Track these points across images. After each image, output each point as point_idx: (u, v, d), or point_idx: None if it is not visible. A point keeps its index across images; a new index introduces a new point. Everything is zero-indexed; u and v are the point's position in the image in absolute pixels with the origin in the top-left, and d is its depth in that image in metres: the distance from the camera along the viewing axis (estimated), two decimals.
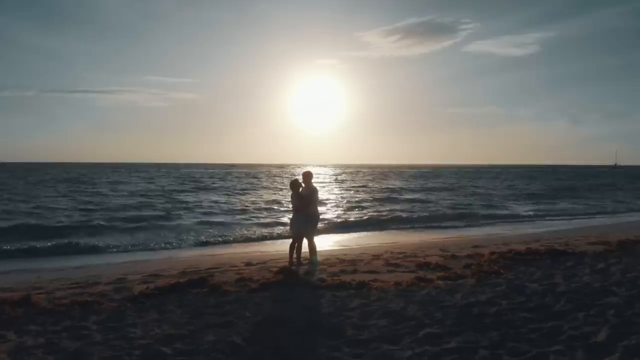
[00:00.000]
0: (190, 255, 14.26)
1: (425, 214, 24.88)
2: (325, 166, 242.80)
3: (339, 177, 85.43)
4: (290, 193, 9.77)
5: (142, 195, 37.86)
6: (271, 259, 11.72)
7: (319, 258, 11.05)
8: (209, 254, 14.71)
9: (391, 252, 12.25)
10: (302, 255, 9.80)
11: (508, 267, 8.50)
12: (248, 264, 10.68)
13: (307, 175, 9.77)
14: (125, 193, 40.30)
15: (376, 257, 11.02)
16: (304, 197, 9.43)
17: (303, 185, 9.72)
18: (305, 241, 9.63)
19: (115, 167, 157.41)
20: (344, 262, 9.88)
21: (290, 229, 9.59)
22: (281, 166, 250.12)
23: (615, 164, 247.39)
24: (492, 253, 9.83)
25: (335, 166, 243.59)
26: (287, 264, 9.55)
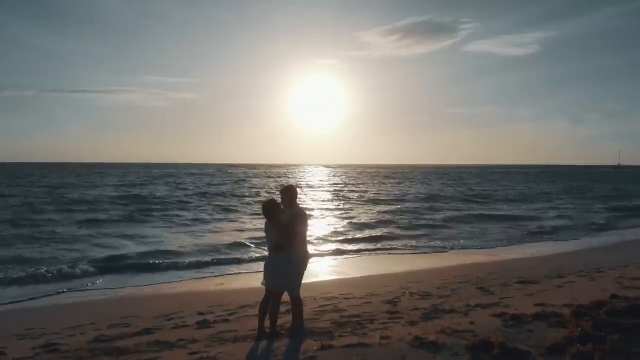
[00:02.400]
0: (142, 295, 10.71)
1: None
2: (329, 167, 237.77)
3: (346, 180, 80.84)
4: (264, 222, 6.24)
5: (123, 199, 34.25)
6: (241, 308, 8.28)
7: (307, 306, 7.66)
8: (170, 289, 11.20)
9: (411, 295, 8.81)
10: (280, 312, 6.31)
11: (625, 354, 5.04)
12: (202, 322, 7.19)
13: (290, 193, 6.22)
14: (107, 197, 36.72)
15: (392, 307, 7.57)
16: (286, 229, 5.92)
17: (284, 208, 6.20)
18: (286, 296, 6.12)
19: (113, 167, 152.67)
20: (346, 325, 6.39)
21: (264, 277, 6.07)
22: (280, 166, 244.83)
23: (619, 164, 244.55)
24: (578, 314, 6.31)
25: (338, 167, 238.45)
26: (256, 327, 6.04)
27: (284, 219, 6.07)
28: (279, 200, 6.22)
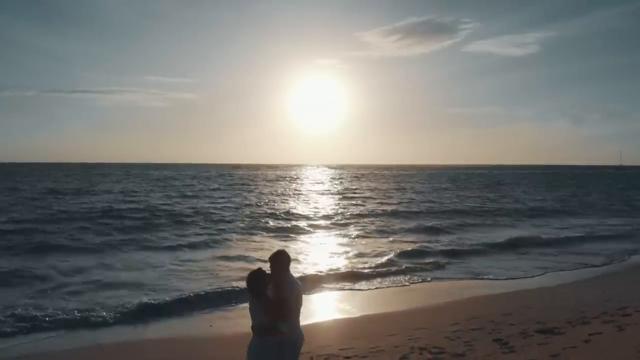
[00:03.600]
0: (115, 345, 9.62)
1: None
2: (331, 167, 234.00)
3: (350, 185, 75.98)
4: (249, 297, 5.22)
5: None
6: None
7: None
8: (147, 334, 10.12)
9: (420, 352, 7.85)
10: None
11: None
12: None
13: (281, 262, 5.20)
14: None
15: None
16: (276, 305, 4.94)
17: (273, 278, 5.19)
18: None
19: (113, 167, 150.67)
20: None
21: None
22: (280, 166, 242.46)
23: (620, 164, 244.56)
24: None
25: (338, 167, 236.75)
26: None
27: (273, 293, 5.08)
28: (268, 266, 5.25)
